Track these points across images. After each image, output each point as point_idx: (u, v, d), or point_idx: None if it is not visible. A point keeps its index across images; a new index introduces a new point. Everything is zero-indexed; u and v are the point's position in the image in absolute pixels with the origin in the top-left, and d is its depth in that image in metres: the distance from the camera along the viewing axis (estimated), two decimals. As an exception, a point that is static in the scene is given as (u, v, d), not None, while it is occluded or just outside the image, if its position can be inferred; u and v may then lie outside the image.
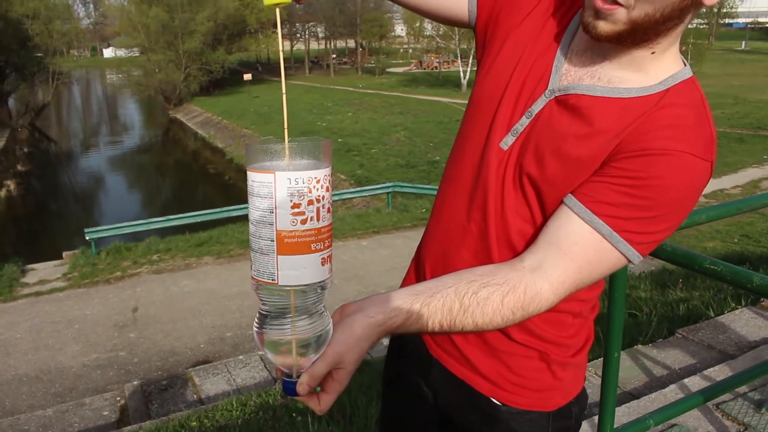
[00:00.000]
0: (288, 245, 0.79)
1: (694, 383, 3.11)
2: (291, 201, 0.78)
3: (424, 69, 56.31)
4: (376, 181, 20.58)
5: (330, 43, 65.66)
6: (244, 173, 0.82)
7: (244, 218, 13.55)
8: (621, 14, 0.92)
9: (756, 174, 19.34)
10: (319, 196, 0.79)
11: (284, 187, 0.78)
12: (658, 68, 1.00)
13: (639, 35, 0.95)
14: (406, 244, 13.50)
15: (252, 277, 0.84)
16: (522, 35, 1.09)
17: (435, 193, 1.26)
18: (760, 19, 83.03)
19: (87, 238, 14.20)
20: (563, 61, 1.05)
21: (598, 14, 0.94)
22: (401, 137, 28.10)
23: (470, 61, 40.89)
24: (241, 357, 7.66)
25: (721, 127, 26.49)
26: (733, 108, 30.74)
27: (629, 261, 1.00)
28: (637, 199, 0.95)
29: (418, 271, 1.27)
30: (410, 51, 66.56)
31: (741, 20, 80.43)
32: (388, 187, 18.30)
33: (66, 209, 25.41)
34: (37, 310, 11.12)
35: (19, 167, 31.21)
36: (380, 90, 43.61)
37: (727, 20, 75.14)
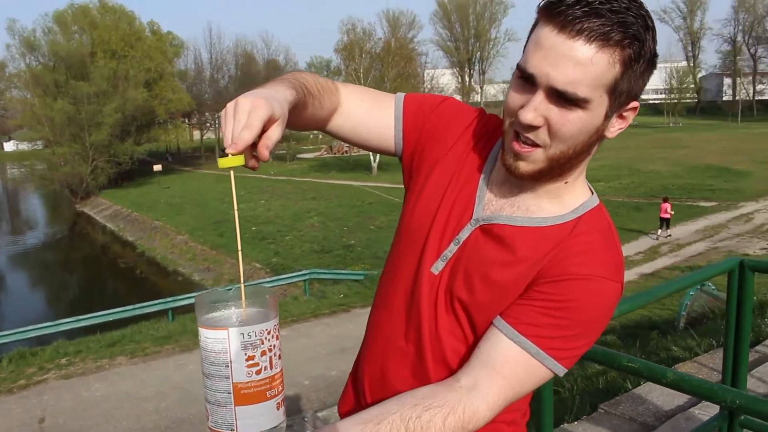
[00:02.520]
0: (245, 396, 0.83)
1: (620, 459, 3.21)
2: (245, 354, 0.82)
3: (335, 154, 57.21)
4: (292, 268, 20.44)
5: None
6: (156, 266, 0.85)
7: (159, 314, 12.97)
8: (539, 154, 1.04)
9: (651, 242, 20.55)
10: (271, 345, 0.84)
11: (238, 341, 0.82)
12: (571, 196, 1.13)
13: (556, 171, 1.07)
14: (325, 331, 13.38)
15: (209, 428, 0.86)
16: (447, 166, 1.21)
17: (352, 278, 1.33)
18: (642, 96, 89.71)
19: (-13, 345, 13.35)
20: (485, 190, 1.17)
21: (518, 156, 1.06)
22: (315, 222, 28.20)
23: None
24: (161, 464, 7.26)
25: (620, 196, 28.11)
26: (628, 178, 32.73)
27: (555, 374, 1.09)
28: (559, 319, 1.06)
29: (356, 390, 1.33)
30: (320, 137, 67.66)
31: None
32: (305, 274, 18.25)
33: (-38, 314, 23.78)
34: (-70, 429, 10.23)
35: None
36: (292, 176, 43.87)
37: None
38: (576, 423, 3.90)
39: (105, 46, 51.89)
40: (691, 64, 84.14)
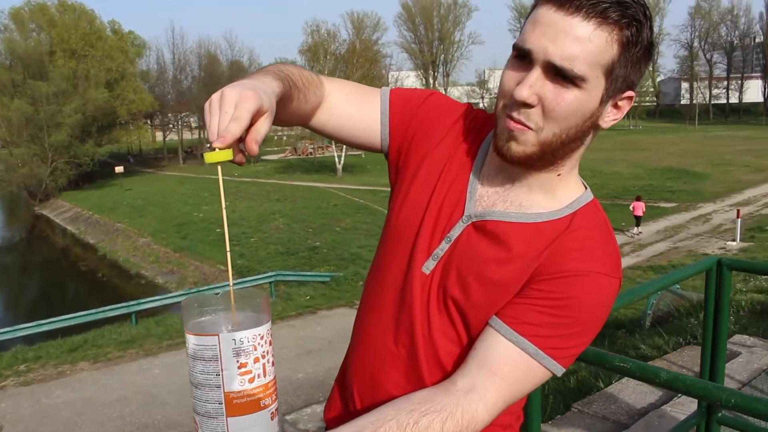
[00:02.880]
0: (237, 406, 0.77)
1: (596, 459, 3.21)
2: (237, 361, 0.76)
3: (299, 155, 56.77)
4: (257, 270, 20.25)
5: (203, 132, 65.01)
6: (118, 269, 0.78)
7: (122, 318, 12.71)
8: (531, 136, 1.00)
9: (618, 240, 20.84)
10: (264, 351, 0.78)
11: (229, 348, 0.76)
12: (564, 190, 1.10)
13: (548, 157, 1.04)
14: (291, 333, 13.28)
15: (199, 442, 0.80)
16: (436, 161, 1.16)
17: (318, 279, 1.27)
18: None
19: (-59, 353, 12.94)
20: (477, 186, 1.12)
21: (510, 135, 1.02)
22: (280, 224, 27.97)
23: (344, 147, 41.75)
24: (126, 472, 7.10)
25: (583, 198, 28.47)
26: (591, 180, 32.85)
27: (554, 374, 1.06)
28: (558, 318, 1.02)
29: (344, 396, 1.27)
30: (284, 138, 67.13)
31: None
32: (271, 276, 18.12)
33: None
34: None
35: None
36: (256, 178, 43.39)
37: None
38: (550, 423, 3.89)
39: (64, 45, 50.88)
40: (651, 68, 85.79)
